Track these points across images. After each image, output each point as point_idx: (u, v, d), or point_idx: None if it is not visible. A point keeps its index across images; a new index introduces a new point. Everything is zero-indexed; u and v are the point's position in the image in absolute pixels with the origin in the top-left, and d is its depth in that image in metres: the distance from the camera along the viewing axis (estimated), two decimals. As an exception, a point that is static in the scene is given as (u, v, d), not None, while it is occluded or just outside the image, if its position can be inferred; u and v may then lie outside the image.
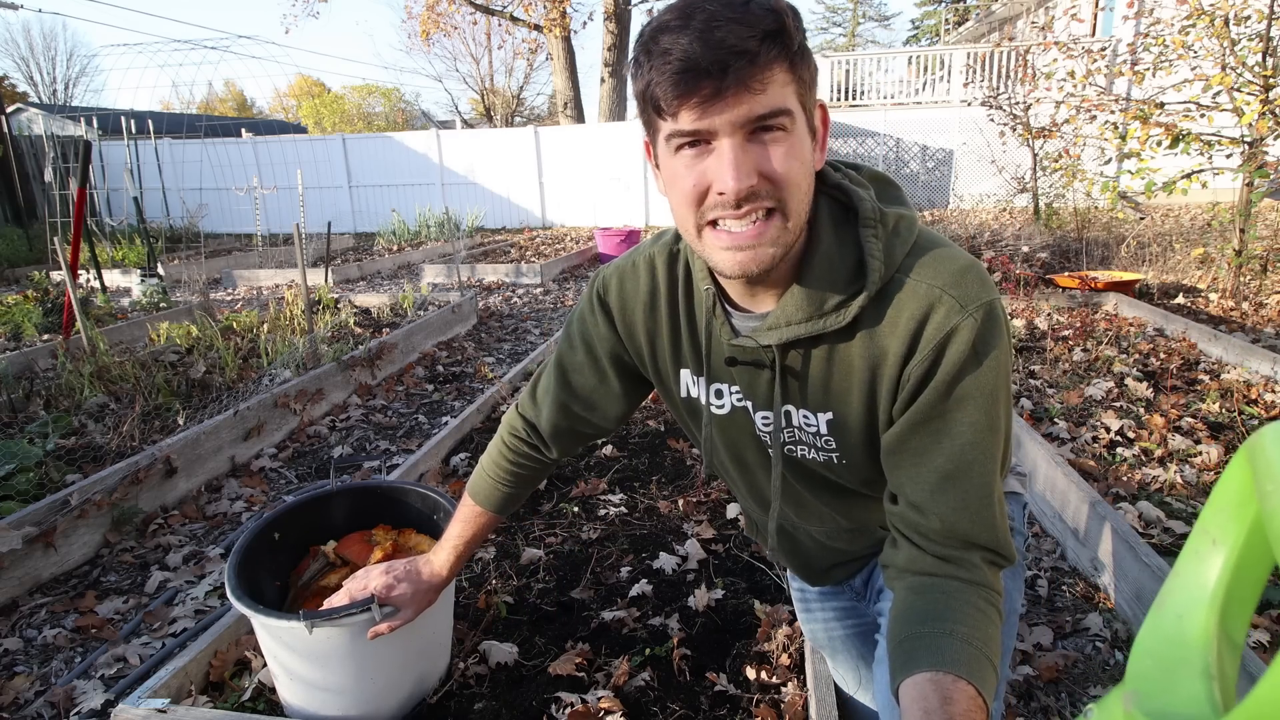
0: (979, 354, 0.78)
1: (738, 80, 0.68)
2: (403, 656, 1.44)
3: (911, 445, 0.83)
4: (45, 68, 33.26)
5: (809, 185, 0.77)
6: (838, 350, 0.85)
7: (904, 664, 0.75)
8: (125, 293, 6.91)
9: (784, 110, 0.71)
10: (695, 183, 0.74)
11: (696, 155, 0.74)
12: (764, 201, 0.74)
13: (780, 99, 0.71)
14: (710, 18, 0.67)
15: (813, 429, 0.92)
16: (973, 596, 0.79)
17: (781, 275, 0.84)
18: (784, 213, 0.75)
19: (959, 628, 0.75)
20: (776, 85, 0.70)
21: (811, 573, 1.17)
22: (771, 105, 0.70)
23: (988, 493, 0.81)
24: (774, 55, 0.69)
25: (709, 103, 0.70)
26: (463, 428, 3.10)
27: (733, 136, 0.71)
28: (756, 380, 0.92)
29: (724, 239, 0.76)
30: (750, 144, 0.72)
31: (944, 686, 0.70)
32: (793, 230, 0.77)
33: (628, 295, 1.00)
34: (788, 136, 0.73)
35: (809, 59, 0.73)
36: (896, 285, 0.81)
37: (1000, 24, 18.39)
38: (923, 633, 0.76)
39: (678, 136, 0.73)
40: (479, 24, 23.00)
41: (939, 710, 0.68)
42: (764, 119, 0.71)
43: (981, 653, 0.74)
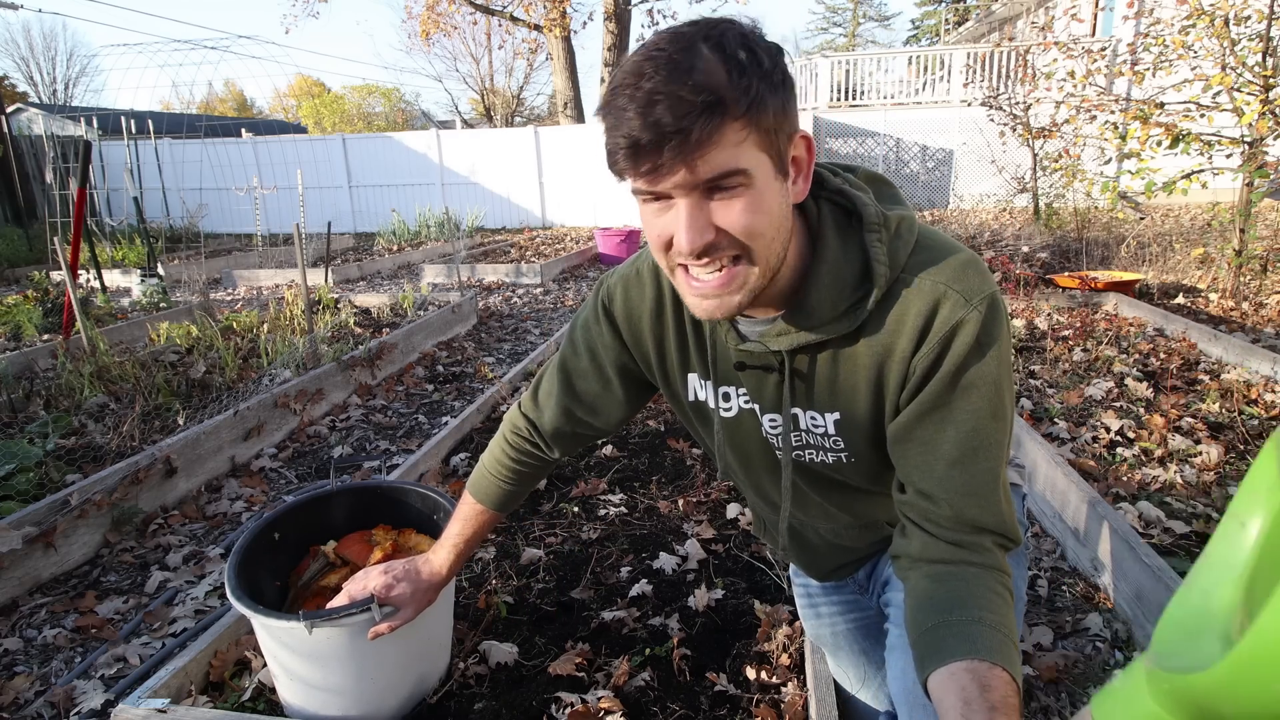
0: (983, 345, 0.81)
1: (674, 156, 0.69)
2: (403, 656, 1.44)
3: (919, 434, 0.85)
4: (45, 68, 33.30)
5: (778, 227, 0.77)
6: (844, 351, 0.87)
7: (934, 653, 0.76)
8: (125, 293, 6.91)
9: (734, 171, 0.71)
10: (659, 233, 0.77)
11: (660, 208, 0.76)
12: (726, 251, 0.75)
13: (728, 161, 0.71)
14: (650, 93, 0.68)
15: (820, 430, 0.93)
16: (990, 581, 0.80)
17: (787, 283, 0.85)
18: (749, 259, 0.76)
19: (986, 614, 0.76)
20: (726, 149, 0.70)
21: (818, 570, 1.18)
22: (718, 169, 0.71)
23: (994, 478, 0.83)
24: (713, 127, 0.69)
25: (653, 175, 0.71)
26: (463, 428, 3.10)
27: (687, 197, 0.73)
28: (764, 383, 0.93)
29: (693, 286, 0.79)
30: (707, 201, 0.73)
31: (980, 674, 0.71)
32: (761, 273, 0.78)
33: (633, 303, 1.00)
34: (746, 191, 0.73)
35: (768, 105, 0.71)
36: (902, 285, 0.83)
37: (1000, 24, 18.38)
38: (950, 621, 0.77)
39: (639, 193, 0.76)
40: (479, 24, 23.02)
41: (979, 698, 0.69)
42: (713, 181, 0.72)
43: (1009, 638, 0.75)
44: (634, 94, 0.69)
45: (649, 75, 0.69)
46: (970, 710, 0.69)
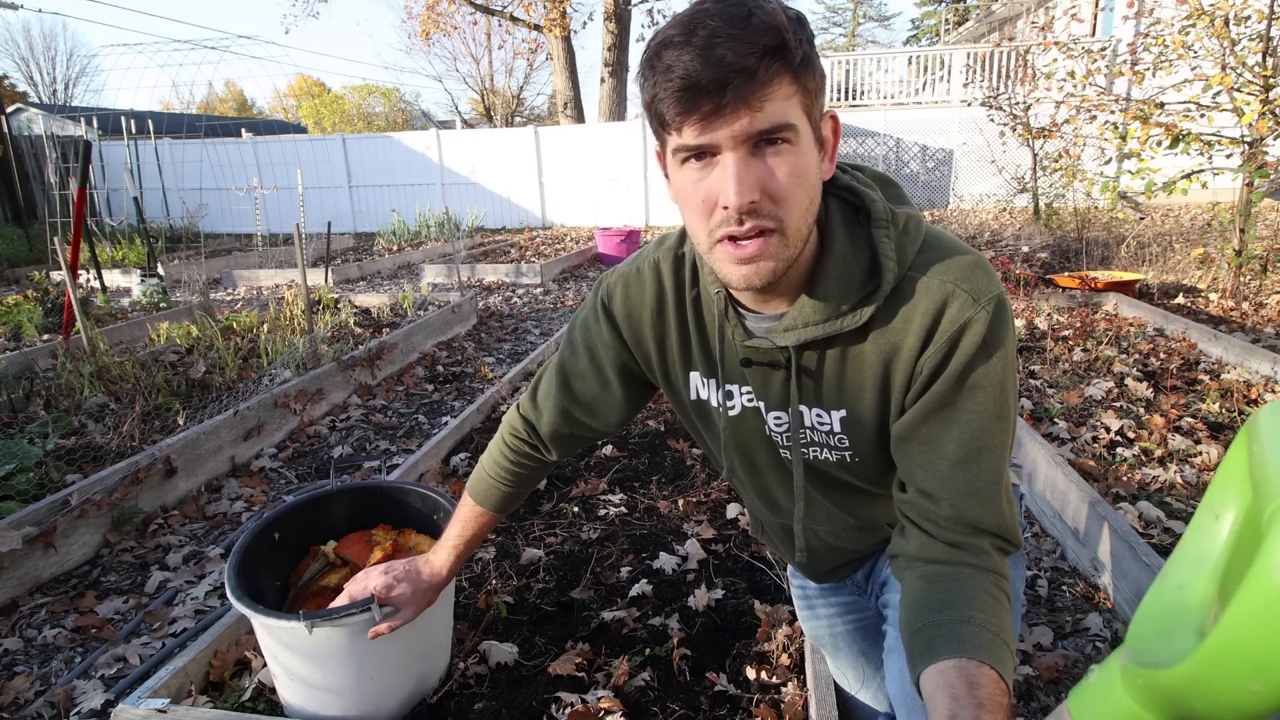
0: (990, 345, 0.80)
1: (737, 97, 0.68)
2: (403, 657, 1.44)
3: (923, 433, 0.84)
4: (45, 68, 33.28)
5: (812, 199, 0.77)
6: (851, 348, 0.86)
7: (924, 653, 0.76)
8: (125, 293, 6.91)
9: (787, 125, 0.71)
10: (704, 197, 0.75)
11: (702, 168, 0.74)
12: (764, 220, 0.74)
13: (782, 113, 0.71)
14: (711, 34, 0.67)
15: (826, 427, 0.93)
16: (984, 582, 0.80)
17: (794, 278, 0.85)
18: (783, 231, 0.76)
19: (976, 614, 0.76)
20: (779, 100, 0.70)
21: (816, 571, 1.17)
22: (773, 120, 0.70)
23: (996, 480, 0.83)
24: (774, 70, 0.69)
25: (710, 119, 0.70)
26: (463, 428, 3.10)
27: (735, 151, 0.71)
28: (770, 381, 0.92)
29: (733, 252, 0.77)
30: (754, 158, 0.72)
31: (968, 672, 0.71)
32: (792, 245, 0.78)
33: (633, 302, 1.00)
34: (792, 150, 0.73)
35: (814, 69, 0.73)
36: (909, 283, 0.83)
37: (1000, 24, 18.38)
38: (940, 620, 0.77)
39: (683, 150, 0.74)
40: (479, 24, 23.02)
41: (966, 695, 0.69)
42: (766, 134, 0.71)
43: (999, 638, 0.75)
44: (689, 39, 0.68)
45: (703, 23, 0.68)
46: (958, 707, 0.69)
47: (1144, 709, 0.39)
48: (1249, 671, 0.33)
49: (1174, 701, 0.37)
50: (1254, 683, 0.33)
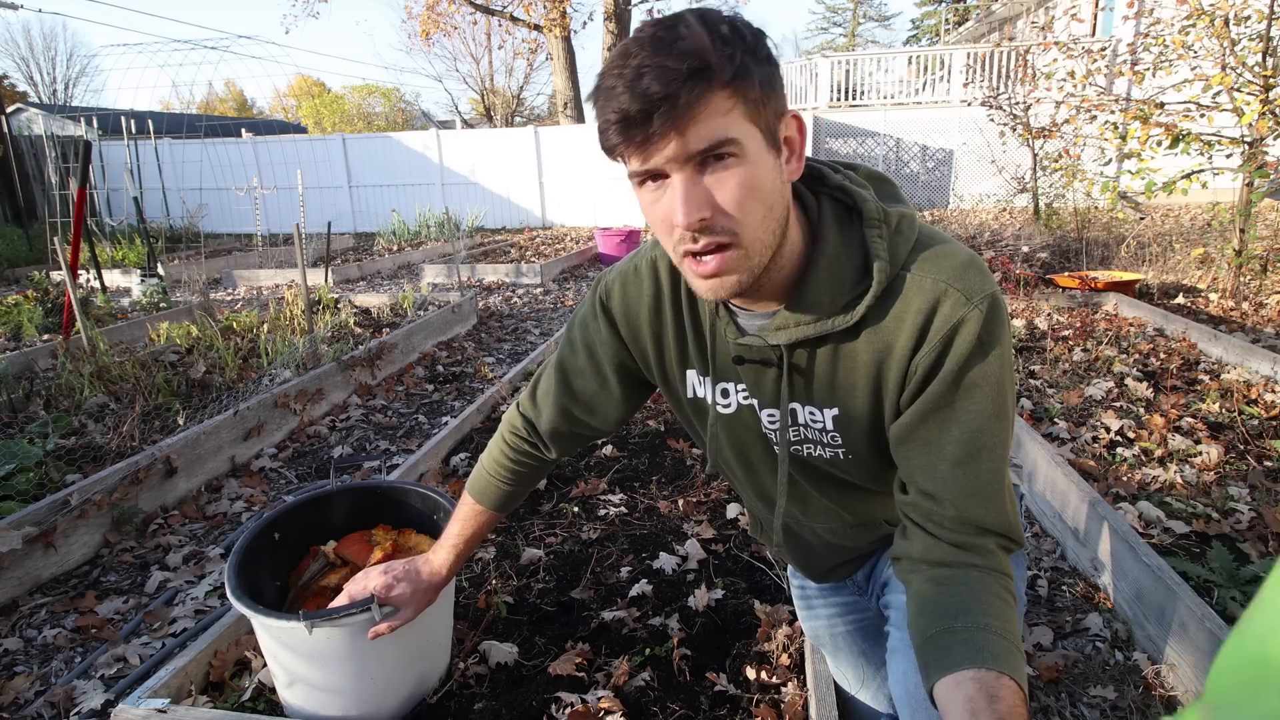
0: (985, 344, 0.80)
1: (665, 124, 0.70)
2: (403, 657, 1.44)
3: (922, 434, 0.84)
4: (45, 68, 33.29)
5: (772, 205, 0.77)
6: (843, 347, 0.86)
7: (939, 661, 0.75)
8: (125, 293, 6.91)
9: (725, 140, 0.72)
10: (661, 217, 0.77)
11: (657, 189, 0.76)
12: (719, 235, 0.76)
13: (719, 130, 0.72)
14: (639, 65, 0.70)
15: (819, 425, 0.93)
16: (994, 585, 0.80)
17: (786, 277, 0.85)
18: (739, 244, 0.77)
19: (992, 621, 0.76)
20: (714, 118, 0.71)
21: (815, 570, 1.17)
22: (709, 139, 0.72)
23: (998, 478, 0.83)
24: (699, 92, 0.70)
25: (645, 147, 0.72)
26: (463, 428, 3.10)
27: (681, 172, 0.73)
28: (762, 378, 0.93)
29: (697, 268, 0.79)
30: (700, 176, 0.74)
31: (988, 684, 0.71)
32: (755, 255, 0.78)
33: (631, 300, 1.00)
34: (739, 162, 0.74)
35: (753, 77, 0.72)
36: (901, 282, 0.83)
37: (1000, 24, 18.38)
38: (956, 627, 0.76)
39: (635, 175, 0.76)
40: (479, 24, 23.01)
41: (987, 710, 0.69)
42: (706, 152, 0.72)
43: (1014, 645, 0.75)
44: (622, 71, 0.71)
45: (634, 53, 0.71)
46: None
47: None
48: None
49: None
50: None
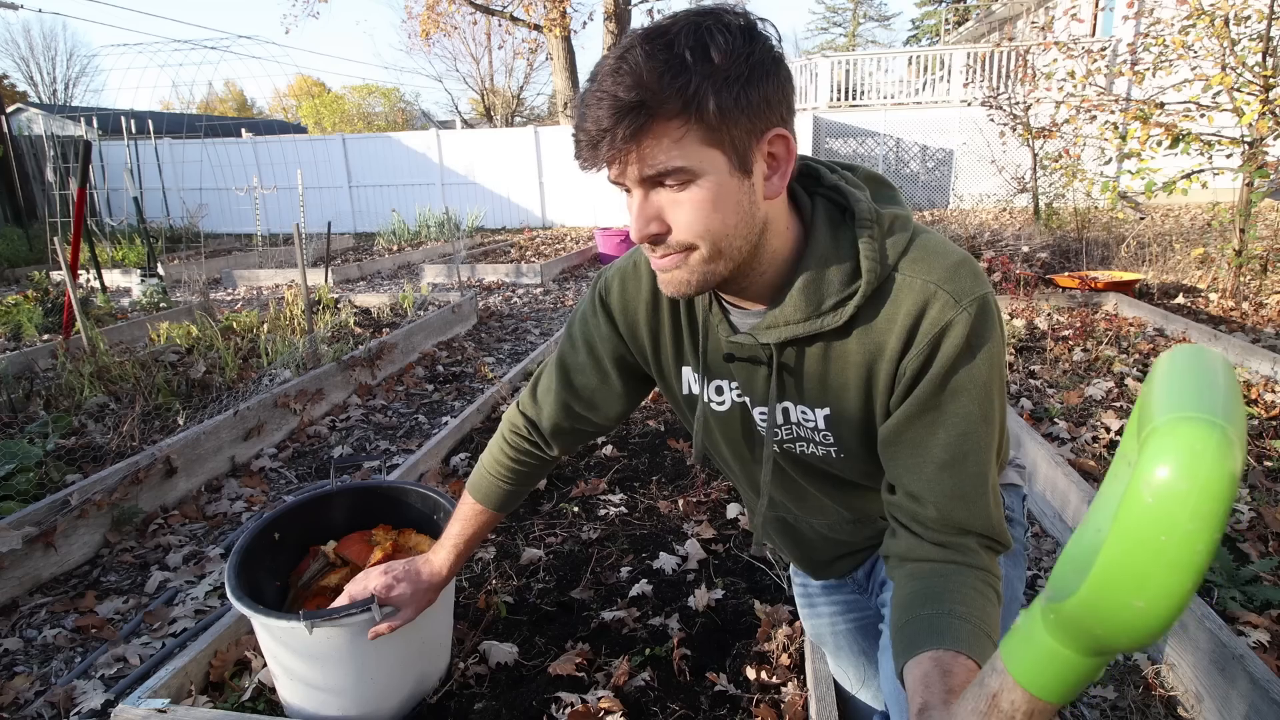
0: (973, 347, 0.80)
1: (610, 153, 0.74)
2: (403, 656, 1.44)
3: (908, 436, 0.85)
4: (45, 68, 33.29)
5: (734, 223, 0.78)
6: (834, 347, 0.87)
7: (906, 647, 0.77)
8: (125, 293, 6.91)
9: (671, 170, 0.74)
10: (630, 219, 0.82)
11: (629, 197, 0.80)
12: (670, 248, 0.79)
13: (662, 160, 0.74)
14: (594, 93, 0.73)
15: (811, 424, 0.94)
16: (970, 578, 0.80)
17: (777, 276, 0.86)
18: (700, 250, 0.79)
19: (957, 607, 0.77)
20: (658, 147, 0.73)
21: (815, 566, 1.18)
22: (655, 167, 0.74)
23: (982, 481, 0.83)
24: (638, 127, 0.72)
25: (594, 168, 0.77)
26: (463, 428, 3.10)
27: (638, 188, 0.77)
28: (754, 376, 0.93)
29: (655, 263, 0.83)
30: (653, 193, 0.77)
31: (944, 662, 0.72)
32: (723, 259, 0.80)
33: (630, 295, 1.01)
34: (692, 187, 0.75)
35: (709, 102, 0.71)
36: (892, 282, 0.83)
37: (1000, 24, 18.38)
38: (923, 615, 0.78)
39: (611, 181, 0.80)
40: (479, 24, 23.01)
41: (938, 682, 0.70)
42: (653, 179, 0.76)
43: (979, 629, 0.75)
44: (585, 96, 0.75)
45: (601, 77, 0.74)
46: (930, 694, 0.69)
47: (1060, 644, 0.41)
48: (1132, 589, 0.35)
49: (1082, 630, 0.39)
50: (1137, 599, 0.35)
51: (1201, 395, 0.36)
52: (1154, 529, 0.34)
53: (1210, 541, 0.33)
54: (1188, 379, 0.38)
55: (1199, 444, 0.33)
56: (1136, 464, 0.35)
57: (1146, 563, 0.35)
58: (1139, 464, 0.35)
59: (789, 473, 1.03)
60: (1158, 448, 0.34)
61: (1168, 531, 0.34)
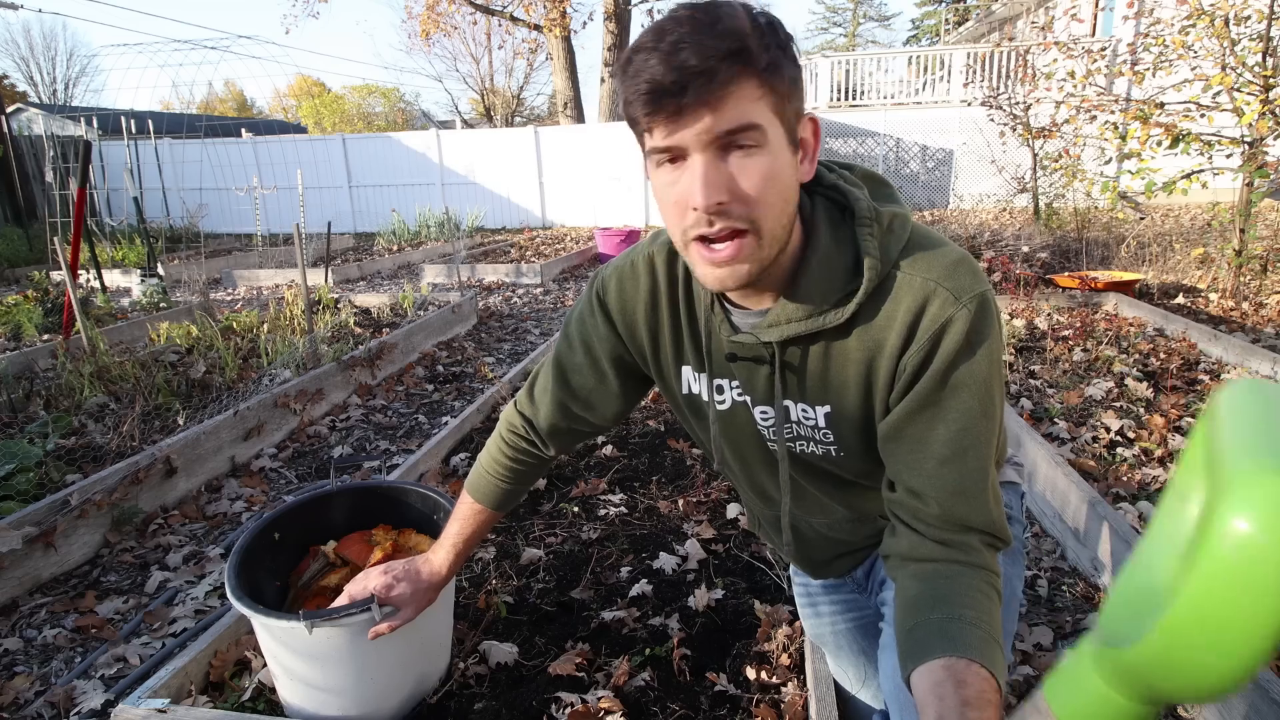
0: (973, 343, 0.81)
1: (697, 98, 0.70)
2: (403, 656, 1.44)
3: (908, 433, 0.85)
4: (45, 68, 33.30)
5: (787, 200, 0.78)
6: (835, 345, 0.87)
7: (914, 651, 0.76)
8: (125, 293, 6.91)
9: (751, 125, 0.72)
10: (676, 199, 0.77)
11: (675, 170, 0.76)
12: (735, 222, 0.75)
13: (746, 114, 0.72)
14: (677, 40, 0.70)
15: (811, 422, 0.94)
16: (975, 579, 0.80)
17: (780, 274, 0.86)
18: (756, 232, 0.77)
19: (966, 612, 0.76)
20: (743, 101, 0.71)
21: (814, 565, 1.18)
22: (737, 120, 0.72)
23: (982, 477, 0.83)
24: (735, 73, 0.70)
25: (674, 120, 0.72)
26: (463, 428, 3.10)
27: (703, 152, 0.73)
28: (755, 375, 0.93)
29: (706, 255, 0.79)
30: (722, 160, 0.74)
31: (957, 671, 0.71)
32: (768, 246, 0.78)
33: (628, 295, 1.00)
34: (761, 152, 0.74)
35: (783, 73, 0.74)
36: (892, 280, 0.83)
37: (1000, 24, 18.38)
38: (932, 619, 0.77)
39: (655, 153, 0.76)
40: (479, 24, 23.01)
41: (953, 694, 0.69)
42: (730, 134, 0.72)
43: (990, 635, 0.75)
44: (657, 45, 0.71)
45: (671, 30, 0.71)
46: (944, 706, 0.69)
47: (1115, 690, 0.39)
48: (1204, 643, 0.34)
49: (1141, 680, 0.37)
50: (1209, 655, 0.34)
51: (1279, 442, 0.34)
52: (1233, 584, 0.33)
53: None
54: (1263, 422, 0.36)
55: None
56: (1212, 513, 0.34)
57: (1223, 618, 0.33)
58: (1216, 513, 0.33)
59: (796, 476, 1.03)
60: (1238, 499, 0.33)
61: (1246, 588, 0.32)
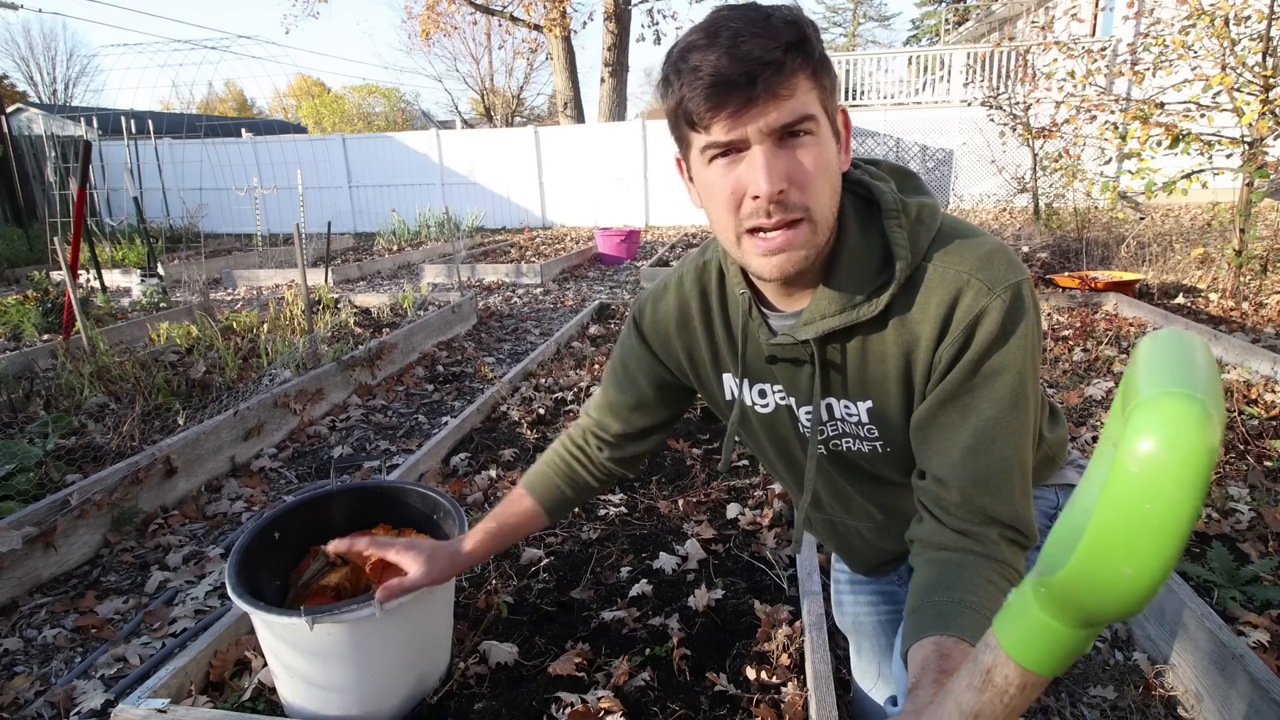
0: (1007, 333, 0.81)
1: (766, 89, 0.72)
2: (403, 655, 1.44)
3: (939, 421, 0.85)
4: (45, 68, 33.30)
5: (835, 187, 0.81)
6: (872, 339, 0.88)
7: (913, 631, 0.77)
8: (125, 293, 6.91)
9: (809, 116, 0.75)
10: (732, 190, 0.78)
11: (729, 163, 0.78)
12: (791, 212, 0.78)
13: (805, 106, 0.75)
14: (736, 33, 0.72)
15: (854, 418, 0.94)
16: (987, 570, 0.80)
17: (813, 273, 0.87)
18: (810, 220, 0.79)
19: (968, 596, 0.77)
20: (801, 93, 0.74)
21: (860, 567, 1.19)
22: (798, 112, 0.74)
23: (1008, 468, 0.83)
24: (797, 64, 0.73)
25: (740, 112, 0.74)
26: (463, 428, 3.10)
27: (763, 143, 0.75)
28: (797, 376, 0.95)
29: (760, 245, 0.80)
30: (780, 150, 0.76)
31: (945, 648, 0.72)
32: (821, 233, 0.81)
33: (660, 317, 1.05)
34: (815, 141, 0.77)
35: (829, 67, 0.78)
36: (924, 272, 0.84)
37: (1000, 24, 18.38)
38: (934, 601, 0.78)
39: (712, 148, 0.77)
40: (479, 24, 23.00)
41: (934, 665, 0.70)
42: (791, 125, 0.75)
43: (986, 619, 0.75)
44: (714, 41, 0.72)
45: (726, 26, 0.73)
46: (924, 676, 0.70)
47: (1052, 617, 0.43)
48: (1120, 556, 0.37)
49: (1072, 601, 0.41)
50: (1125, 566, 0.37)
51: (1182, 372, 0.38)
52: (1140, 498, 0.36)
53: (1193, 508, 0.35)
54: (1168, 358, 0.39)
55: (1181, 416, 0.35)
56: (1122, 438, 0.37)
57: (1133, 530, 0.36)
58: (1124, 437, 0.36)
59: (833, 474, 1.04)
60: (1141, 421, 0.36)
61: (1153, 500, 0.35)
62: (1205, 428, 0.35)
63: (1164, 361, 0.39)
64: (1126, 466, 0.36)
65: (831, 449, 0.99)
